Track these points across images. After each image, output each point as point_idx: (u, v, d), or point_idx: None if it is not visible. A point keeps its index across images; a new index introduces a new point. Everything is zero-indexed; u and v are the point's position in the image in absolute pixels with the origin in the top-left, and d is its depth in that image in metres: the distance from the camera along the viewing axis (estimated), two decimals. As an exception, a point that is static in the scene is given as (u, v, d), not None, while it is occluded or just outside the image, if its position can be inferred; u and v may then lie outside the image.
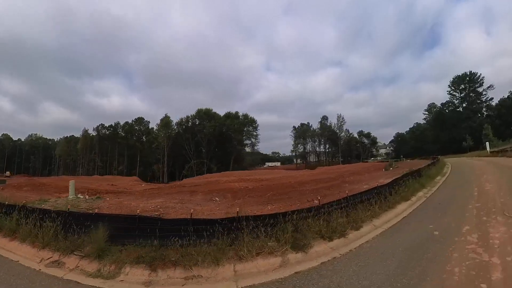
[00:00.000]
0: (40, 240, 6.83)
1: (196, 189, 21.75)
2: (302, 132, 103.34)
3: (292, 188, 18.55)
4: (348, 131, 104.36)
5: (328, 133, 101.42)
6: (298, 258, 5.92)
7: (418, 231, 7.47)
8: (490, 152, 38.46)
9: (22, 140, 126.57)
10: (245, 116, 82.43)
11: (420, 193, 12.54)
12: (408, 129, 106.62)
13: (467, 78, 77.43)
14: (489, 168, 19.62)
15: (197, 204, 13.38)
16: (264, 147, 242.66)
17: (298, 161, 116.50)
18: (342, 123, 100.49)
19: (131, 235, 6.47)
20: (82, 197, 16.82)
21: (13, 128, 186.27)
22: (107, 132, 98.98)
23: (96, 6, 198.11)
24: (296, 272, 5.35)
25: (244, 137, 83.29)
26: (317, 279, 5.05)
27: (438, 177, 17.26)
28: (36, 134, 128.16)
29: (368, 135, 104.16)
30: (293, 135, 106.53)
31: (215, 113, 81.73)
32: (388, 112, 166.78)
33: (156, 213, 9.85)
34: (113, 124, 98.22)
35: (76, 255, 6.23)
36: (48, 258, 6.27)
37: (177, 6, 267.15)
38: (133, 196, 18.94)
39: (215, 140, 78.18)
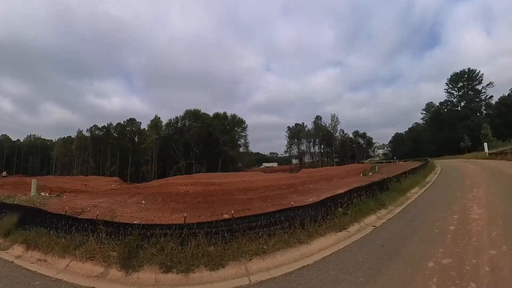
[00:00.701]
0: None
1: (142, 191, 20.27)
2: (296, 133, 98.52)
3: (230, 196, 15.95)
4: (343, 131, 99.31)
5: (322, 133, 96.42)
6: (117, 276, 5.08)
7: None
8: (489, 154, 33.41)
9: (21, 140, 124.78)
10: (233, 116, 78.04)
11: (371, 218, 8.15)
12: (407, 129, 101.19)
13: (466, 76, 71.59)
14: (484, 176, 14.95)
15: (123, 205, 13.18)
16: (264, 147, 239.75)
17: (295, 161, 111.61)
18: (336, 123, 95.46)
19: (32, 222, 7.34)
20: (43, 194, 17.70)
21: (14, 128, 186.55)
22: (100, 133, 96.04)
23: (96, 7, 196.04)
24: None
25: (236, 137, 78.88)
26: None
27: (415, 189, 12.70)
28: (35, 134, 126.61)
29: (363, 135, 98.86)
30: (287, 135, 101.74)
31: (203, 113, 77.66)
32: (388, 112, 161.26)
33: (79, 210, 10.15)
34: (106, 125, 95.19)
35: (-6, 234, 7.52)
36: (-22, 234, 7.48)
37: (176, 7, 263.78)
38: (89, 195, 19.05)
39: (203, 141, 74.07)
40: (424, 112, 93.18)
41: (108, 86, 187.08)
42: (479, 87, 70.72)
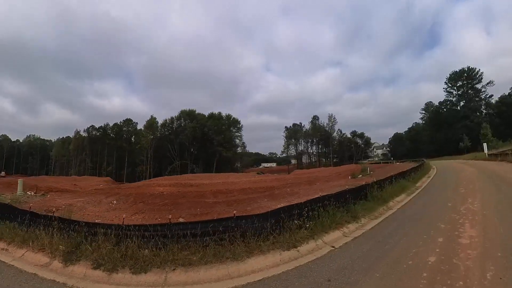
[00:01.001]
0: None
1: (121, 192, 20.21)
2: (293, 133, 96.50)
3: (200, 198, 15.53)
4: (340, 131, 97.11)
5: (320, 133, 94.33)
6: (57, 267, 5.49)
7: None
8: (488, 154, 31.34)
9: (21, 141, 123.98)
10: (228, 116, 76.04)
11: (334, 235, 6.65)
12: (407, 129, 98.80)
13: (465, 74, 69.16)
14: (481, 182, 13.00)
15: (96, 205, 13.46)
16: (264, 147, 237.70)
17: (292, 162, 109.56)
18: (333, 123, 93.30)
19: (2, 217, 7.65)
20: (29, 193, 18.21)
21: (15, 128, 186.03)
22: (97, 134, 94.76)
23: (96, 7, 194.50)
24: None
25: (230, 138, 76.73)
26: None
27: (400, 197, 10.84)
28: (34, 135, 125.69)
29: (361, 135, 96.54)
30: (284, 135, 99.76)
31: (199, 114, 75.69)
32: (388, 112, 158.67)
33: (53, 209, 10.05)
34: (103, 125, 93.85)
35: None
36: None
37: (176, 7, 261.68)
38: (72, 195, 19.51)
39: (198, 141, 72.25)
40: (423, 111, 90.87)
41: (108, 86, 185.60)
42: (478, 86, 68.34)
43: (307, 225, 6.55)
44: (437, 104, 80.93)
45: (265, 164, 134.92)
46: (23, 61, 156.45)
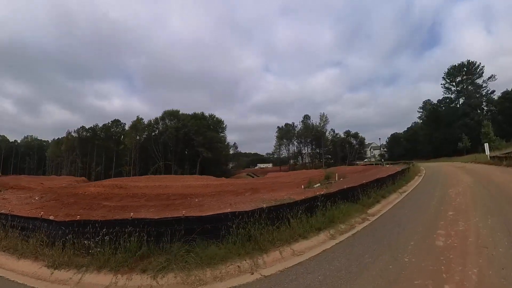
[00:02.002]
0: None
1: (59, 191, 20.69)
2: (285, 133, 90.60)
3: (101, 201, 15.12)
4: (333, 131, 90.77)
5: (312, 133, 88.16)
6: None
7: None
8: (491, 157, 25.13)
9: (19, 141, 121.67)
10: (211, 116, 70.59)
11: None
12: (406, 129, 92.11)
13: (465, 69, 62.06)
14: (480, 216, 7.14)
15: (23, 199, 14.46)
16: (264, 147, 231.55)
17: (288, 162, 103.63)
18: (325, 123, 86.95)
19: None
20: None
21: (15, 129, 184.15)
22: (87, 134, 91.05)
23: (95, 7, 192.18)
24: None
25: (211, 138, 70.90)
26: None
27: (311, 240, 5.28)
28: (32, 135, 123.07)
29: (356, 135, 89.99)
30: (276, 135, 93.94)
31: (182, 114, 70.46)
32: (388, 112, 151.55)
33: None
34: (92, 126, 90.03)
35: None
36: None
37: (176, 8, 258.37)
38: (23, 192, 20.13)
39: (181, 142, 67.07)
40: (421, 110, 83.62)
41: (108, 87, 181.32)
42: (479, 81, 61.12)
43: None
44: (436, 102, 73.90)
45: (261, 165, 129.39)
46: (24, 62, 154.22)
